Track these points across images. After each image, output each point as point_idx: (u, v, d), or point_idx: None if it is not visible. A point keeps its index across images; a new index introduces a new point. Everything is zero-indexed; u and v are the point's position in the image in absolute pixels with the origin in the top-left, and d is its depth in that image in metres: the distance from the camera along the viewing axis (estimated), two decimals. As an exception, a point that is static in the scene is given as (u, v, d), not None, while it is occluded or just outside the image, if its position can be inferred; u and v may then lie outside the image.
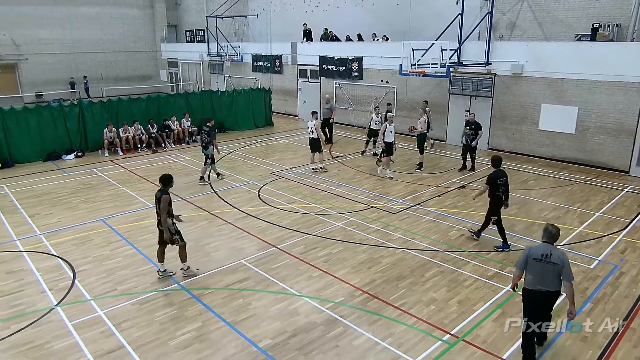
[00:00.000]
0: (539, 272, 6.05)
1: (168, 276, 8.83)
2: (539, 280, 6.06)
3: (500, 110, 18.22)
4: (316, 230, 10.92)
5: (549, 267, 5.98)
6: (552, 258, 5.99)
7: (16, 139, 17.08)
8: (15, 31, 32.70)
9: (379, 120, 17.25)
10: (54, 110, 18.05)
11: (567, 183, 14.55)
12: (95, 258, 9.62)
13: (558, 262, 5.95)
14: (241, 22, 32.55)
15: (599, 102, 15.59)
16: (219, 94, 23.17)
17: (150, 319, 7.49)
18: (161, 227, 8.56)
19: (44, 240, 10.53)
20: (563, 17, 16.85)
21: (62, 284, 8.60)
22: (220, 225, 11.28)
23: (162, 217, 8.44)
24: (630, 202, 12.78)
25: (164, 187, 8.53)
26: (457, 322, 7.36)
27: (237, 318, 7.50)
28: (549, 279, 6.01)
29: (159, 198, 8.40)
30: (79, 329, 7.25)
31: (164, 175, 8.66)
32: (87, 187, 14.34)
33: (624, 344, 6.86)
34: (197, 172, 15.73)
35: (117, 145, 18.63)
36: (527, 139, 17.64)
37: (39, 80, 34.16)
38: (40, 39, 33.91)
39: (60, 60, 35.05)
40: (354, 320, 7.42)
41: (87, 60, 36.21)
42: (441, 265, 9.24)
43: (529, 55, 17.02)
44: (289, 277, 8.81)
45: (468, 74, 18.80)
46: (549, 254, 6.02)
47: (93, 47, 36.53)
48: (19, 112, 17.19)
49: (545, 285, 6.03)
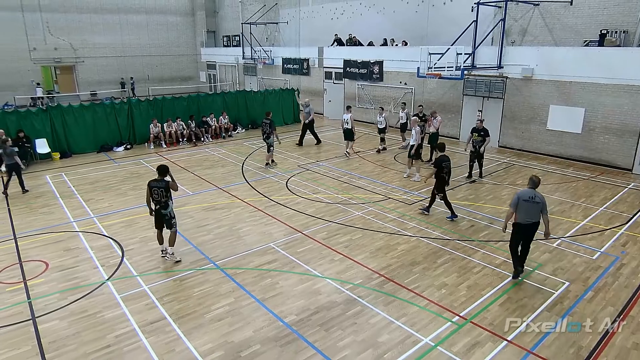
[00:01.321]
0: (527, 209, 7.65)
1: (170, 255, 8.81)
2: (527, 215, 7.66)
3: (510, 111, 17.84)
4: (338, 219, 10.92)
5: (534, 205, 7.62)
6: (535, 199, 7.63)
7: (73, 132, 17.53)
8: (73, 37, 33.45)
9: (402, 115, 17.51)
10: (106, 107, 18.44)
11: (572, 179, 14.18)
12: (141, 239, 9.82)
13: (540, 201, 7.63)
14: (273, 28, 32.56)
15: (604, 103, 15.12)
16: (252, 93, 23.25)
17: (188, 294, 7.63)
18: (164, 211, 8.49)
19: (96, 222, 10.81)
20: (572, 24, 16.34)
21: (112, 261, 8.82)
22: (251, 212, 11.39)
23: (173, 187, 8.39)
24: (632, 198, 12.40)
25: (161, 176, 8.43)
26: (466, 305, 7.30)
27: (265, 295, 7.59)
28: (533, 214, 7.66)
29: (165, 187, 8.33)
30: (126, 301, 7.44)
31: (161, 166, 8.54)
32: (134, 176, 14.63)
33: (622, 330, 6.69)
34: (232, 163, 15.90)
35: (161, 139, 18.94)
36: (535, 138, 17.23)
37: (93, 81, 34.89)
38: (95, 44, 34.60)
39: (112, 63, 35.68)
40: (371, 301, 7.43)
41: (135, 63, 36.78)
42: (452, 253, 9.15)
43: (539, 60, 16.59)
44: (312, 260, 8.85)
45: (481, 76, 18.44)
46: (534, 196, 7.65)
47: (140, 50, 37.07)
48: (76, 108, 17.62)
49: (532, 218, 7.68)
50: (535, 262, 8.71)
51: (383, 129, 17.44)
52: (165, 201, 8.45)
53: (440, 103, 20.24)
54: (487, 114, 18.52)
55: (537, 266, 8.57)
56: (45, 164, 16.17)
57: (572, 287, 7.87)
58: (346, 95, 25.42)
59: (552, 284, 7.93)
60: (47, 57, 32.72)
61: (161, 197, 8.42)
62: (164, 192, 8.39)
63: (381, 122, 17.39)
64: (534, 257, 8.90)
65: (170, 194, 8.54)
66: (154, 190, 8.42)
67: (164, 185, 8.36)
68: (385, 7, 23.79)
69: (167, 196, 8.44)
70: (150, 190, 8.46)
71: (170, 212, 8.56)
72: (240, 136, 21.24)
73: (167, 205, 8.50)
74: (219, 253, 9.16)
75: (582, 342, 6.41)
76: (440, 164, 10.52)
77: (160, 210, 8.55)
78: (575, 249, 9.31)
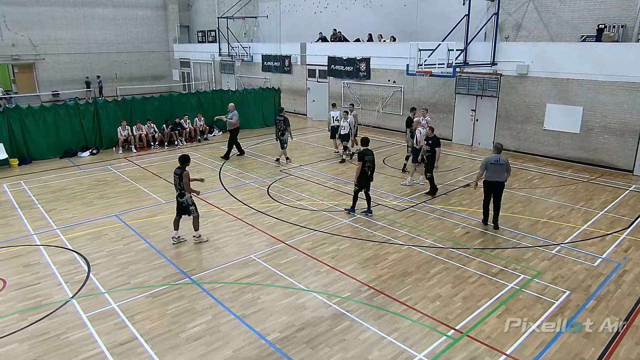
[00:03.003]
0: (494, 171, 10.28)
1: (181, 242, 10.03)
2: (494, 175, 10.30)
3: (505, 110, 18.10)
4: (324, 227, 10.92)
5: (500, 167, 10.24)
6: (500, 161, 10.23)
7: (34, 136, 17.23)
8: (32, 32, 32.94)
9: (345, 125, 16.41)
10: (70, 108, 18.18)
11: (571, 182, 14.43)
12: (109, 252, 9.69)
13: (504, 163, 10.24)
14: (251, 22, 32.57)
15: (603, 102, 15.45)
16: (230, 93, 23.20)
17: (162, 312, 7.54)
18: (180, 199, 9.73)
19: (60, 234, 10.62)
20: (568, 18, 16.69)
21: (77, 277, 8.68)
22: (230, 221, 11.32)
23: (186, 189, 9.59)
24: (634, 201, 12.66)
25: (182, 165, 9.63)
26: (461, 318, 7.34)
27: (246, 312, 7.53)
28: (499, 174, 10.28)
29: (180, 175, 9.56)
30: (93, 320, 7.31)
31: (182, 155, 9.75)
32: (101, 184, 14.44)
33: (626, 341, 6.80)
34: (208, 169, 15.79)
35: (131, 143, 18.75)
36: (532, 138, 17.51)
37: (56, 80, 34.41)
38: (57, 39, 34.14)
39: (76, 60, 35.25)
40: (360, 315, 7.43)
41: (101, 60, 36.40)
42: (446, 262, 9.22)
43: (534, 56, 16.89)
44: (297, 272, 8.83)
45: (474, 74, 18.69)
46: (499, 159, 10.25)
47: (107, 47, 36.71)
48: (36, 110, 17.32)
49: (498, 177, 10.30)
50: (534, 270, 8.83)
51: (346, 135, 16.53)
52: (180, 189, 9.68)
53: (432, 102, 20.45)
54: (481, 114, 18.79)
55: (535, 274, 8.68)
56: (2, 172, 15.85)
57: (573, 296, 7.99)
58: (331, 95, 25.51)
59: (552, 293, 8.04)
60: (4, 55, 32.14)
61: (177, 185, 9.71)
62: (179, 180, 9.63)
63: (344, 127, 16.44)
64: (532, 265, 9.02)
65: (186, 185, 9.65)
66: (174, 177, 9.79)
67: (180, 173, 9.61)
68: (372, 1, 24.00)
69: (181, 184, 9.60)
70: (173, 176, 9.92)
71: (186, 200, 9.75)
72: (217, 139, 21.13)
73: (182, 194, 9.70)
74: (195, 266, 9.08)
75: (584, 354, 6.50)
76: (363, 157, 11.18)
77: (178, 198, 9.82)
78: (576, 256, 9.46)
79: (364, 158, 11.19)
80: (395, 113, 22.36)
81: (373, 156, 11.40)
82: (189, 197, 9.76)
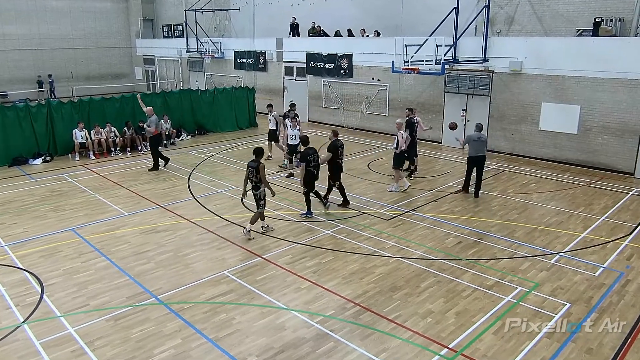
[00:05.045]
0: (476, 146, 13.09)
1: (270, 230, 11.19)
2: (477, 150, 13.11)
3: (498, 110, 18.40)
4: (304, 239, 10.91)
5: (481, 143, 13.13)
6: (482, 138, 13.15)
7: (-22, 142, 16.90)
8: (-23, 26, 32.45)
9: (271, 119, 17.44)
10: (19, 111, 17.85)
11: (569, 186, 14.71)
12: (65, 271, 9.50)
13: (484, 139, 13.24)
14: (222, 16, 32.54)
15: (602, 100, 15.81)
16: (199, 93, 23.12)
17: (125, 337, 7.42)
18: (256, 191, 10.62)
19: (9, 252, 10.39)
20: (564, 11, 17.08)
21: (29, 300, 8.49)
22: (200, 234, 11.23)
23: (263, 181, 10.45)
24: (635, 206, 12.95)
25: (257, 157, 10.45)
26: (455, 335, 7.38)
27: (219, 334, 7.46)
28: (481, 149, 13.14)
29: (256, 167, 10.34)
30: (48, 348, 7.15)
31: (257, 148, 10.61)
32: (56, 194, 14.19)
33: (631, 356, 6.93)
34: (176, 176, 15.65)
35: (89, 149, 18.47)
36: (527, 140, 17.82)
37: (4, 79, 33.88)
38: (4, 35, 33.62)
39: (26, 58, 34.78)
40: (345, 335, 7.42)
41: (55, 57, 35.97)
42: (438, 275, 9.27)
43: (528, 52, 17.23)
44: (275, 289, 8.79)
45: (464, 71, 18.97)
46: (480, 136, 13.14)
47: (62, 43, 36.29)
48: (-19, 113, 17.00)
49: (480, 152, 13.15)
50: (532, 282, 8.94)
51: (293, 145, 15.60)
52: (256, 182, 10.48)
53: (419, 102, 20.68)
54: (473, 114, 19.04)
55: (533, 287, 8.79)
56: (-57, 182, 15.48)
57: (573, 308, 8.11)
58: (310, 94, 25.60)
59: (552, 306, 8.15)
60: (-56, 52, 31.59)
61: (253, 177, 10.48)
62: (255, 172, 10.40)
63: (294, 136, 15.57)
64: (529, 276, 9.14)
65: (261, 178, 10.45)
66: (250, 169, 10.52)
67: (255, 166, 10.38)
68: (353, -8, 24.22)
69: (257, 177, 10.41)
70: (247, 169, 10.62)
71: (260, 193, 10.63)
72: (186, 143, 20.99)
73: (257, 186, 10.55)
74: (161, 285, 8.97)
75: (587, 372, 6.60)
76: (306, 157, 11.78)
77: (252, 191, 10.69)
78: (576, 265, 9.62)
79: (307, 158, 11.76)
80: (380, 114, 22.54)
81: (317, 155, 12.12)
82: (263, 191, 10.63)
